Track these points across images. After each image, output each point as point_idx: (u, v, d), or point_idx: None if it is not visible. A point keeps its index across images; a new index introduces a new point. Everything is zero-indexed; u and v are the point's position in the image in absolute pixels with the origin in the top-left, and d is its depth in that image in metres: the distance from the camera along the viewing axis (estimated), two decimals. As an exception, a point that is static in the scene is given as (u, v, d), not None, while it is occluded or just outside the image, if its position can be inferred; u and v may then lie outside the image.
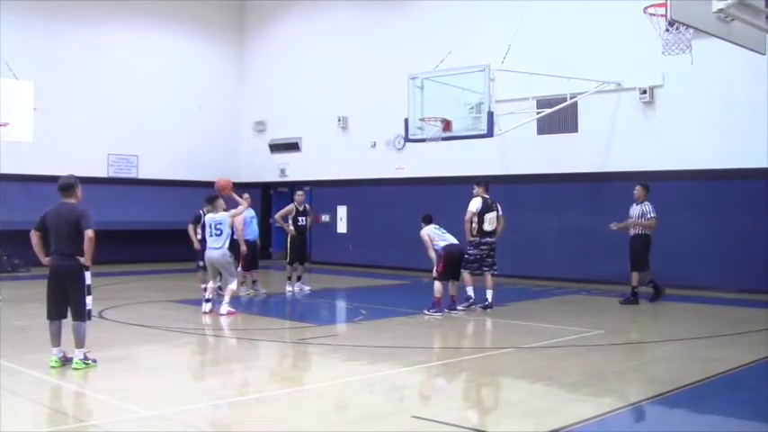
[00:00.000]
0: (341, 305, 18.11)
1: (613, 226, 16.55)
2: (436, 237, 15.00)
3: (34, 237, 9.49)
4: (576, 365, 10.27)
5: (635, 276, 16.29)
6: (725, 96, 17.82)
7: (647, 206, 16.26)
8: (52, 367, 9.27)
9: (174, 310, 15.21)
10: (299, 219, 18.01)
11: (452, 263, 14.82)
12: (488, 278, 15.25)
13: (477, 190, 15.54)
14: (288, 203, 18.72)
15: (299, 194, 18.38)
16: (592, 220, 19.09)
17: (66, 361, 9.40)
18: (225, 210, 14.68)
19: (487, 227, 15.25)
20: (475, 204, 15.30)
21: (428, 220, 15.25)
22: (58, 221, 9.39)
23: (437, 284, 14.67)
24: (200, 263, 16.01)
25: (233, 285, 14.64)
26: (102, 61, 25.51)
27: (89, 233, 9.26)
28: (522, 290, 18.73)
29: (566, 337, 12.46)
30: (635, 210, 16.41)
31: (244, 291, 17.20)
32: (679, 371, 9.86)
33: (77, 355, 9.37)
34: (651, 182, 18.42)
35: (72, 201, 9.53)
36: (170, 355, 10.89)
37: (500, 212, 15.60)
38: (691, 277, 17.24)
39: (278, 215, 18.24)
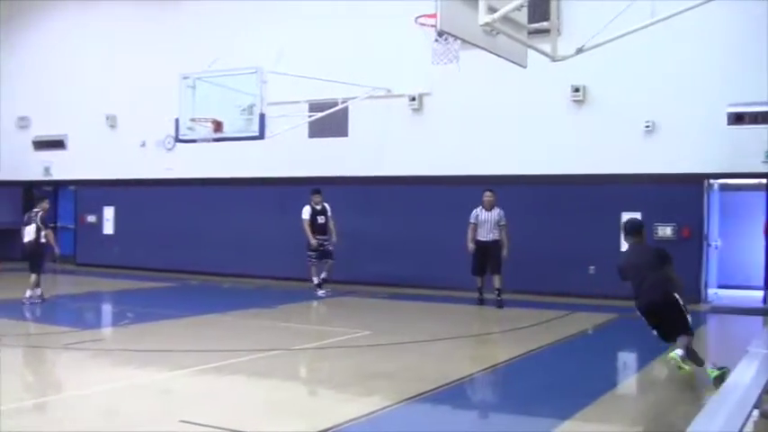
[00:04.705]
0: (106, 308, 17.64)
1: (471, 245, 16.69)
2: None
3: None
4: (345, 366, 10.46)
5: (498, 279, 16.44)
6: (490, 106, 18.63)
7: (501, 212, 16.56)
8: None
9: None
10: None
11: None
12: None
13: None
14: (52, 203, 17.86)
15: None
16: (362, 221, 19.45)
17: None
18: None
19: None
20: (306, 212, 18.23)
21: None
22: None
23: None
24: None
25: None
26: None
27: None
28: (292, 292, 18.82)
29: (335, 338, 12.67)
30: (490, 215, 16.51)
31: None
32: (445, 368, 10.22)
33: None
34: (421, 186, 19.13)
35: None
36: None
37: (329, 214, 18.33)
38: (461, 278, 17.81)
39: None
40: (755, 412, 6.34)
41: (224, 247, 22.12)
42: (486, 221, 16.52)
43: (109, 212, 25.10)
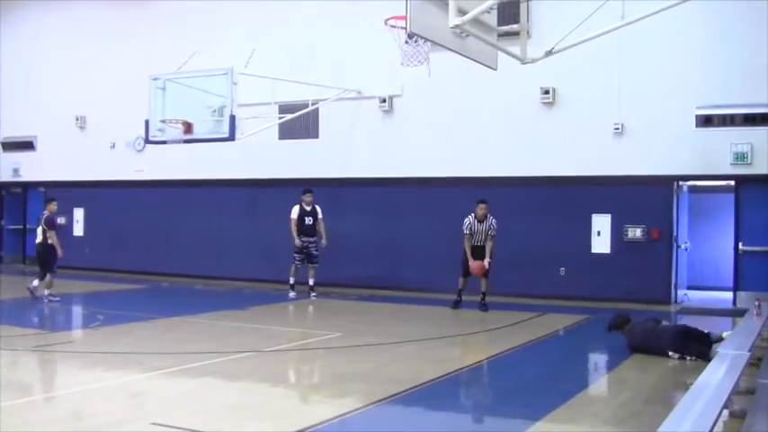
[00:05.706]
0: (77, 311, 17.55)
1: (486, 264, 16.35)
2: None
3: None
4: (317, 368, 10.47)
5: (485, 282, 16.37)
6: (460, 108, 18.68)
7: (492, 222, 16.34)
8: None
9: None
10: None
11: None
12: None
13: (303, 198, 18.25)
14: (20, 205, 17.81)
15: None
16: (333, 223, 19.38)
17: None
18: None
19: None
20: (294, 211, 18.14)
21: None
22: None
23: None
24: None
25: None
26: None
27: None
28: (264, 294, 18.80)
29: (307, 339, 12.68)
30: (483, 227, 16.26)
31: None
32: (415, 370, 10.24)
33: None
34: (391, 187, 19.14)
35: None
36: None
37: (319, 216, 18.22)
38: (432, 280, 17.87)
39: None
40: (725, 412, 6.40)
41: (195, 249, 22.04)
42: (480, 233, 16.36)
43: (79, 214, 24.91)
